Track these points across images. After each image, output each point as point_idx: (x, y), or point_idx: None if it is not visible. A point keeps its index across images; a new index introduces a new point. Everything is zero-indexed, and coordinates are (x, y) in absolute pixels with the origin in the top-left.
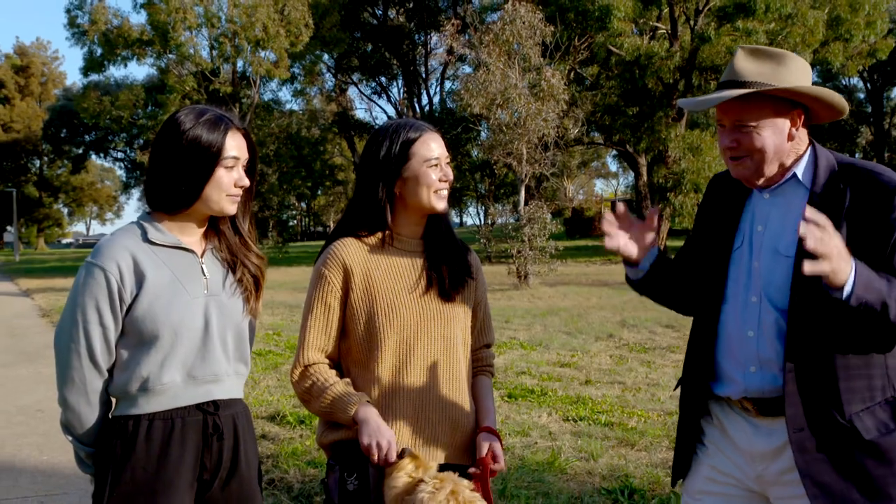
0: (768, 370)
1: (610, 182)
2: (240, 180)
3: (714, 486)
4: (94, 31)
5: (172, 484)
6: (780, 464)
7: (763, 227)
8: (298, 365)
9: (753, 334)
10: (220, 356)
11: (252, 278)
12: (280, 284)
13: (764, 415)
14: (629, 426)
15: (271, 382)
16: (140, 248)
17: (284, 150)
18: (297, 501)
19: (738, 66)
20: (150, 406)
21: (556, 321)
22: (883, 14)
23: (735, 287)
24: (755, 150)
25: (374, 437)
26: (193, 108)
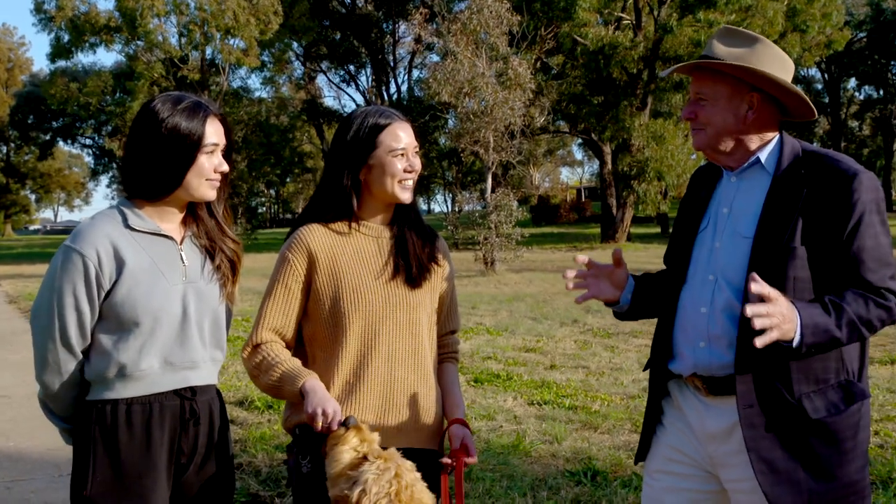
0: (717, 346)
1: (575, 170)
2: (219, 166)
3: (672, 465)
4: (62, 17)
5: (155, 467)
6: (730, 445)
7: (728, 210)
8: (250, 343)
9: (706, 311)
10: (197, 343)
11: (229, 264)
12: (249, 271)
13: (713, 394)
14: (592, 410)
15: (240, 368)
16: (120, 233)
17: (253, 137)
18: (265, 485)
19: (715, 43)
20: (126, 391)
21: (522, 307)
22: (839, 6)
23: (695, 266)
24: (707, 122)
25: (318, 405)
26: (170, 96)
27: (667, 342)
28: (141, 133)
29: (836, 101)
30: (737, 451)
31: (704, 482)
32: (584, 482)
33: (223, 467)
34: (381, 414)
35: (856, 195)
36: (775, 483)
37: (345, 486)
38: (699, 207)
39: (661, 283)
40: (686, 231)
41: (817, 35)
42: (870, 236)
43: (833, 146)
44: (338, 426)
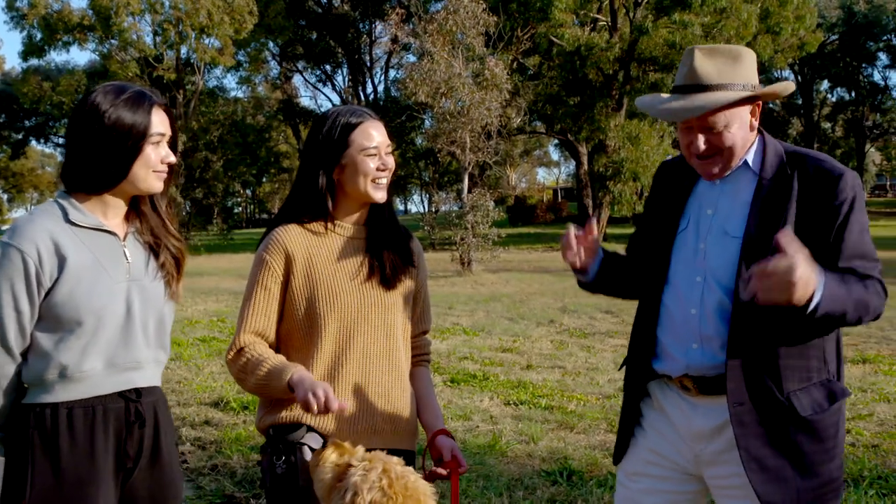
0: (709, 347)
1: (552, 171)
2: (166, 157)
3: (651, 467)
4: (34, 15)
5: (99, 473)
6: (718, 444)
7: (713, 211)
8: (234, 347)
9: (696, 312)
10: (141, 343)
11: (174, 261)
12: (224, 271)
13: (704, 393)
14: (569, 410)
15: (215, 369)
16: (61, 229)
17: (229, 137)
18: (240, 486)
19: (698, 66)
20: (67, 394)
21: (499, 307)
22: (812, 9)
23: (679, 267)
24: (726, 148)
25: (309, 389)
26: (112, 87)
27: (650, 343)
28: (82, 125)
29: (809, 103)
30: (726, 449)
31: (683, 483)
32: (560, 482)
33: (170, 469)
34: (356, 415)
35: (842, 195)
36: (765, 480)
37: (337, 499)
38: (675, 208)
39: (626, 264)
40: (663, 231)
41: (790, 37)
42: (856, 232)
43: (806, 147)
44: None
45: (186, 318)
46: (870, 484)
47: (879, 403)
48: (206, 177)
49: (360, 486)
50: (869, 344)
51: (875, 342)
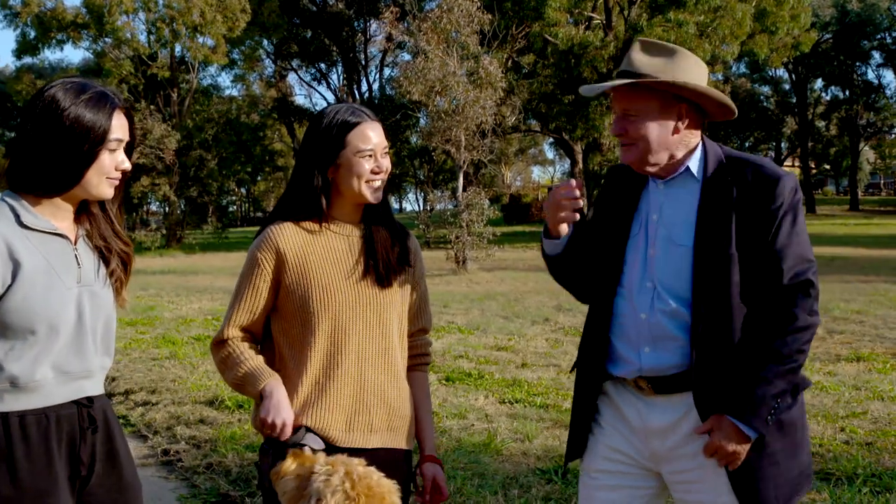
0: (662, 351)
1: (547, 169)
2: (121, 163)
3: (610, 464)
4: (28, 13)
5: (57, 483)
6: (674, 439)
7: (658, 216)
8: (218, 336)
9: (646, 317)
10: (91, 350)
11: (123, 267)
12: (219, 270)
13: (659, 392)
14: (564, 408)
15: (210, 367)
16: (13, 232)
17: (224, 135)
18: (235, 485)
19: (633, 57)
20: (18, 404)
21: (494, 305)
22: (807, 8)
23: (631, 273)
24: (639, 137)
25: (270, 414)
26: (73, 83)
27: (603, 346)
28: (39, 121)
29: (804, 102)
30: (681, 444)
31: (643, 479)
32: (556, 480)
33: (128, 471)
34: (352, 414)
35: (780, 199)
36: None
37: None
38: (626, 211)
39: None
40: (615, 235)
41: (785, 37)
42: (792, 234)
43: (801, 146)
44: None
45: (181, 316)
46: (864, 482)
47: (873, 401)
48: (200, 175)
49: (324, 491)
50: (863, 342)
51: (869, 340)
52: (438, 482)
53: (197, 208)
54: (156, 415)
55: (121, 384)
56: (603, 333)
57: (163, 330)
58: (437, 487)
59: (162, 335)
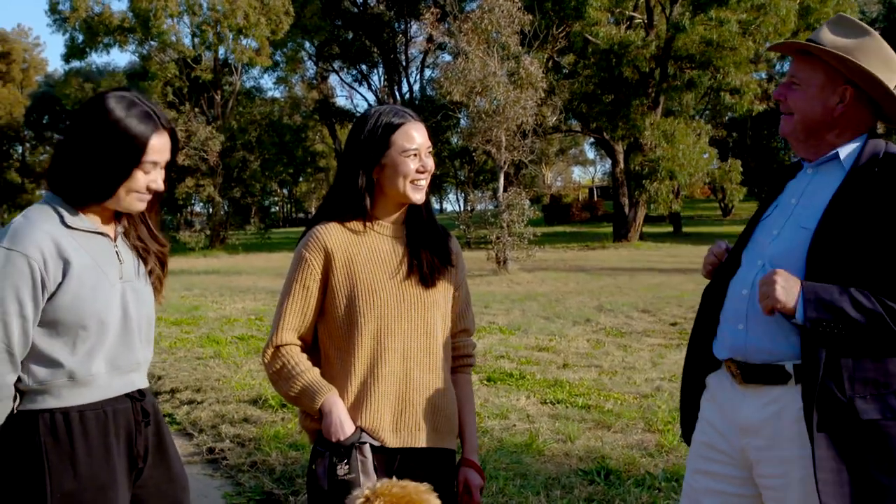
0: (755, 331)
1: (587, 169)
2: (152, 182)
3: (707, 464)
4: (76, 18)
5: (116, 476)
6: (760, 440)
7: (796, 201)
8: (271, 345)
9: (747, 293)
10: (137, 344)
11: (160, 265)
12: (262, 270)
13: (747, 382)
14: (605, 409)
15: (253, 366)
16: (61, 232)
17: (266, 137)
18: (279, 483)
19: (822, 29)
20: (76, 399)
21: (535, 306)
22: (852, 4)
23: (750, 251)
24: (796, 108)
25: (333, 433)
26: (123, 98)
27: (712, 322)
28: (85, 129)
29: None
30: (766, 447)
31: (740, 485)
32: (598, 481)
33: (176, 462)
34: (398, 414)
35: None
36: (827, 481)
37: None
38: (769, 196)
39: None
40: (753, 218)
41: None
42: None
43: None
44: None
45: (225, 316)
46: None
47: None
48: (243, 176)
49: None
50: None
51: None
52: (471, 488)
53: (240, 209)
54: (201, 413)
55: (167, 383)
56: (713, 312)
57: (207, 329)
58: (469, 493)
59: (206, 335)
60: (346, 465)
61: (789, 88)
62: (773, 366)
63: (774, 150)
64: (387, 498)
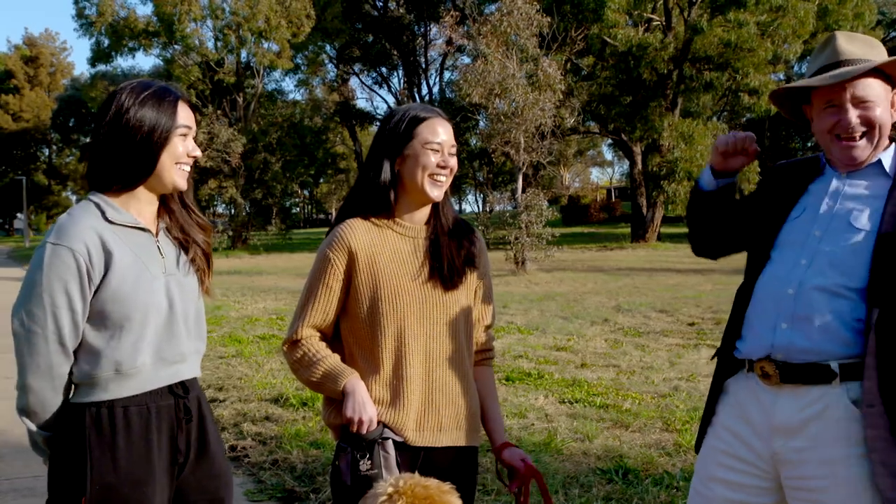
0: (801, 330)
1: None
2: (192, 150)
3: (726, 472)
4: (102, 22)
5: (155, 472)
6: (800, 441)
7: (833, 203)
8: (291, 338)
9: (793, 292)
10: (183, 335)
11: (203, 256)
12: (283, 270)
13: (786, 381)
14: (623, 408)
15: (275, 365)
16: (103, 227)
17: (287, 139)
18: (300, 481)
19: (841, 47)
20: (121, 391)
21: (553, 306)
22: (871, 6)
23: (784, 251)
24: (876, 124)
25: (357, 412)
26: (137, 83)
27: (738, 323)
28: (110, 120)
29: None
30: (809, 448)
31: (760, 494)
32: (616, 480)
33: (218, 459)
34: (422, 414)
35: None
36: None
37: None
38: (786, 200)
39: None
40: (770, 220)
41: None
42: None
43: None
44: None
45: (247, 315)
46: None
47: None
48: (265, 178)
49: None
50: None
51: None
52: (527, 461)
53: (261, 210)
54: (223, 411)
55: None
56: (741, 311)
57: (229, 329)
58: (528, 466)
59: (228, 334)
60: (368, 461)
61: (862, 109)
62: (817, 365)
63: (792, 151)
64: (409, 498)
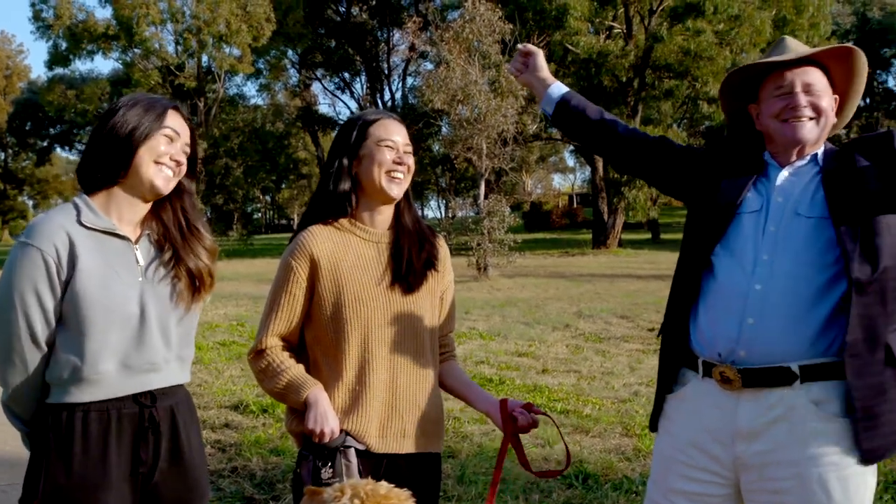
0: (768, 325)
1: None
2: (176, 155)
3: (689, 484)
4: (59, 25)
5: (110, 479)
6: (762, 444)
7: (783, 199)
8: (256, 348)
9: (761, 288)
10: (158, 344)
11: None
12: (244, 276)
13: (747, 386)
14: (584, 413)
15: (235, 372)
16: (75, 229)
17: (249, 144)
18: (260, 489)
19: (790, 44)
20: (83, 395)
21: (515, 312)
22: (826, 16)
23: (741, 247)
24: (823, 112)
25: (318, 423)
26: (137, 94)
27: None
28: (99, 125)
29: None
30: (773, 450)
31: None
32: (576, 485)
33: (194, 471)
34: (385, 420)
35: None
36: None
37: None
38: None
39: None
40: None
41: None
42: None
43: None
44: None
45: (206, 322)
46: (885, 489)
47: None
48: (226, 183)
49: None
50: None
51: None
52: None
53: (223, 215)
54: None
55: None
56: (686, 303)
57: None
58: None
59: None
60: (330, 469)
61: (812, 95)
62: (778, 368)
63: None
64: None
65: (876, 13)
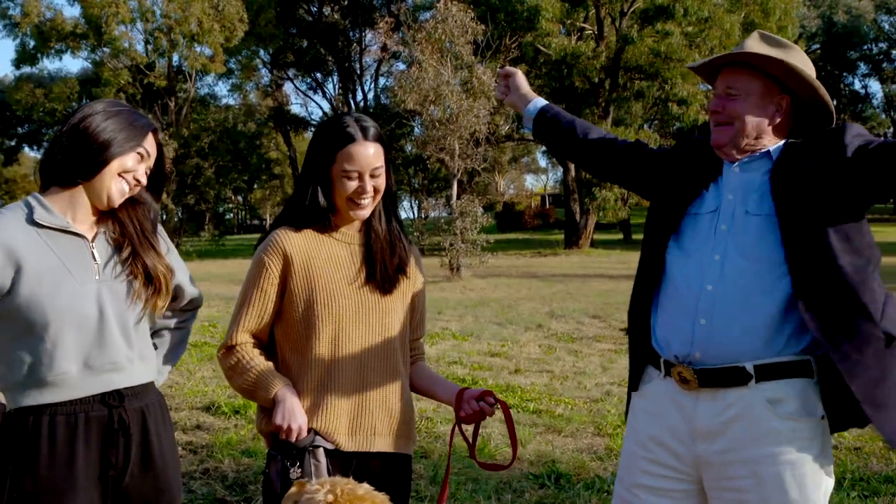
0: (720, 325)
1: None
2: (139, 174)
3: (651, 479)
4: (27, 23)
5: (77, 482)
6: (722, 443)
7: (733, 196)
8: (226, 343)
9: (712, 288)
10: (119, 343)
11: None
12: (216, 276)
13: (704, 386)
14: (556, 413)
15: (206, 373)
16: (22, 229)
17: (221, 144)
18: (232, 490)
19: (748, 43)
20: (44, 397)
21: (487, 312)
22: (793, 20)
23: (694, 246)
24: (736, 116)
25: (286, 419)
26: (115, 101)
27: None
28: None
29: None
30: (731, 449)
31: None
32: (548, 485)
33: (165, 474)
34: (354, 419)
35: (849, 130)
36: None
37: None
38: (691, 187)
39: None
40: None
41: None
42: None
43: None
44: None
45: None
46: (851, 485)
47: None
48: (197, 183)
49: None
50: None
51: None
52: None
53: (194, 216)
54: None
55: None
56: (646, 302)
57: None
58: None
59: None
60: (298, 469)
61: (726, 99)
62: (732, 368)
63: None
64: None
65: (841, 17)
